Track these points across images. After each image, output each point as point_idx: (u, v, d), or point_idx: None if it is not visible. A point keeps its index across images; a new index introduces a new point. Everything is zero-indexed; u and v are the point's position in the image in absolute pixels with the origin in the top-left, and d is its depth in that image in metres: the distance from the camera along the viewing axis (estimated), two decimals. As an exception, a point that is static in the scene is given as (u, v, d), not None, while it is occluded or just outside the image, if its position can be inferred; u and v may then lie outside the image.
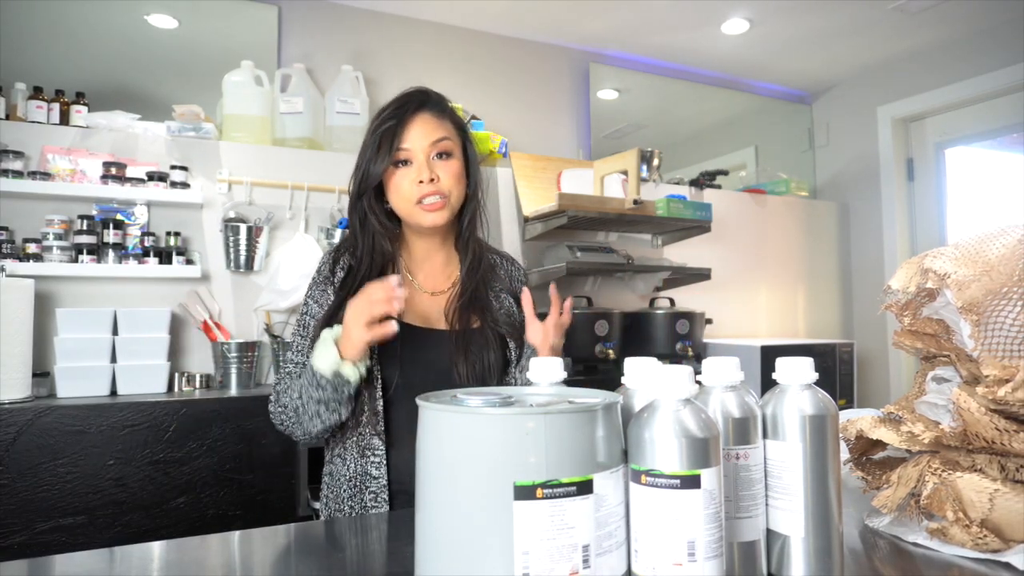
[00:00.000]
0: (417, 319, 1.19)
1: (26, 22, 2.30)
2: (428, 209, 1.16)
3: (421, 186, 1.14)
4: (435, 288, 1.25)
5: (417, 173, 1.15)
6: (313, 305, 1.19)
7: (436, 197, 1.15)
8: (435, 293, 1.24)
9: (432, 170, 1.15)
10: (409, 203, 1.16)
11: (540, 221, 2.58)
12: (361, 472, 1.11)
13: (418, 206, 1.16)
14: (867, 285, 3.59)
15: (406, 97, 1.20)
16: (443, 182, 1.16)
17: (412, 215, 1.17)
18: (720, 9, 2.88)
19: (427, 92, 1.22)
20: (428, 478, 0.55)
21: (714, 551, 0.53)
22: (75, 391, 1.91)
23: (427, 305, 1.23)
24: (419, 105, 1.19)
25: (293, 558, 0.79)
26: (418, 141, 1.16)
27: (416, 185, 1.15)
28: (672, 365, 0.57)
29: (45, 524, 1.69)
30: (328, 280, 1.20)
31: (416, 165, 1.15)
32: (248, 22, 2.62)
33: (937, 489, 0.73)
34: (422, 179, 1.14)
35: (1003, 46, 3.01)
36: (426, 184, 1.14)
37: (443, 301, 1.23)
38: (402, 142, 1.15)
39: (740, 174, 3.71)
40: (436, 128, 1.18)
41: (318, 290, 1.20)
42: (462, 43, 3.00)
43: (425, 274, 1.26)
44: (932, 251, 0.81)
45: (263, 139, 2.42)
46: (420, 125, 1.16)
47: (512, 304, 1.27)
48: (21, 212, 2.06)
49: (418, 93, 1.21)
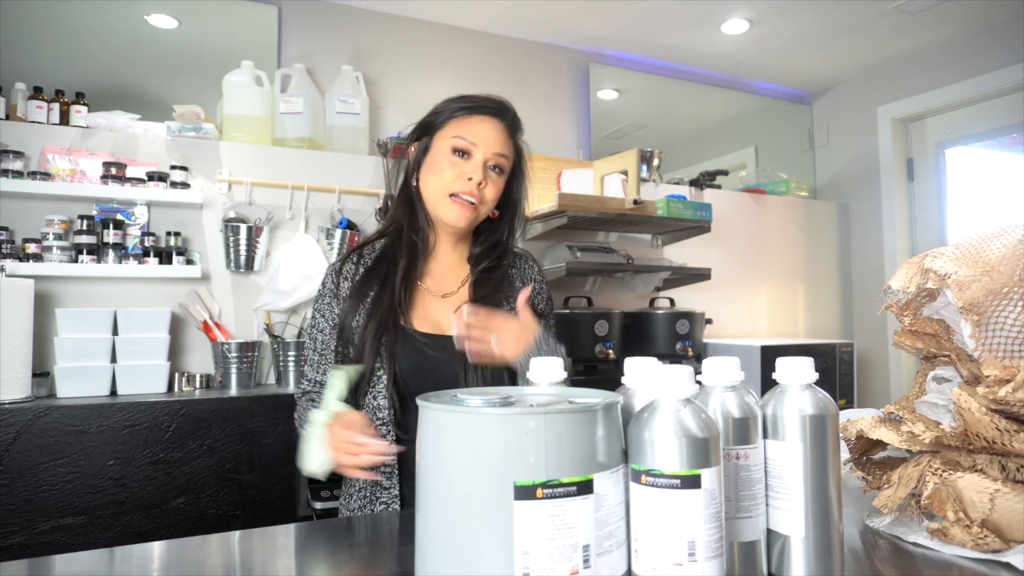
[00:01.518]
0: (426, 324, 1.17)
1: (26, 22, 2.30)
2: (458, 205, 1.14)
3: (468, 183, 1.13)
4: (443, 290, 1.22)
5: (471, 169, 1.14)
6: (319, 319, 1.20)
7: (472, 199, 1.14)
8: (445, 295, 1.22)
9: (485, 176, 1.14)
10: (443, 191, 1.14)
11: (540, 221, 2.58)
12: (371, 482, 1.11)
13: (450, 198, 1.14)
14: (867, 285, 3.59)
15: (490, 99, 1.20)
16: (487, 192, 1.15)
17: (439, 203, 1.15)
18: (720, 9, 2.88)
19: (510, 107, 1.22)
20: (428, 478, 0.55)
21: (714, 551, 0.53)
22: (75, 391, 1.91)
23: (435, 308, 1.20)
24: (501, 112, 1.19)
25: (293, 558, 0.79)
26: (487, 142, 1.15)
27: (463, 180, 1.13)
28: (672, 365, 0.57)
29: (45, 524, 1.69)
30: (334, 295, 1.19)
31: (473, 163, 1.14)
32: (248, 22, 2.62)
33: (938, 489, 0.73)
34: (471, 177, 1.13)
35: (1003, 46, 3.01)
36: (473, 183, 1.13)
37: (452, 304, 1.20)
38: (472, 134, 1.14)
39: (740, 174, 3.71)
40: (504, 142, 1.17)
41: (324, 303, 1.20)
42: (462, 43, 3.00)
43: (433, 274, 1.23)
44: (932, 251, 0.81)
45: (263, 139, 2.42)
46: (493, 130, 1.16)
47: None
48: (21, 212, 2.06)
49: (502, 103, 1.21)
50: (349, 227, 2.40)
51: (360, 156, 2.54)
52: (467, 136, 1.14)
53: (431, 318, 1.18)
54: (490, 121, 1.17)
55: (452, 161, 1.14)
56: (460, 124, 1.16)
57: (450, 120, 1.17)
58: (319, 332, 1.19)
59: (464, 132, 1.14)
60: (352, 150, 2.54)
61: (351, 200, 2.49)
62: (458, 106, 1.17)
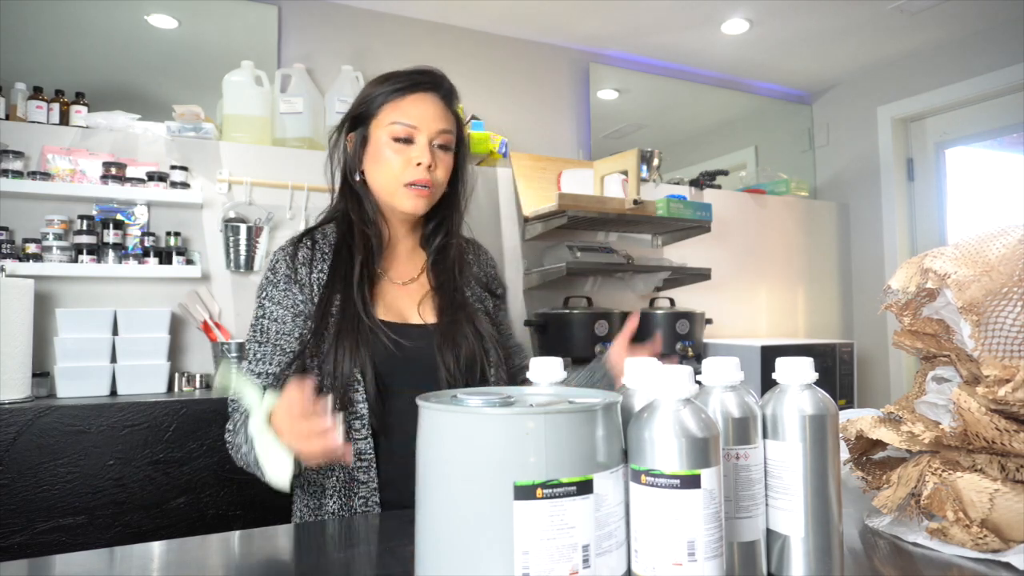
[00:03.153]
0: (391, 314, 1.13)
1: (26, 22, 2.30)
2: (414, 194, 1.10)
3: (418, 169, 1.09)
4: (402, 277, 1.19)
5: (418, 154, 1.09)
6: (272, 307, 1.09)
7: (426, 185, 1.10)
8: (405, 283, 1.19)
9: (433, 157, 1.10)
10: (396, 182, 1.10)
11: (540, 221, 2.58)
12: (347, 479, 1.04)
13: (406, 188, 1.10)
14: (867, 285, 3.59)
15: (422, 73, 1.13)
16: (438, 172, 1.12)
17: (394, 195, 1.11)
18: (720, 9, 2.88)
19: (443, 77, 1.16)
20: (428, 478, 0.55)
21: (714, 551, 0.53)
22: (75, 391, 1.91)
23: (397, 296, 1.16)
24: (435, 84, 1.13)
25: (293, 558, 0.79)
26: (427, 121, 1.10)
27: (412, 167, 1.09)
28: (672, 365, 0.57)
29: (45, 524, 1.69)
30: (290, 278, 1.10)
31: (418, 147, 1.09)
32: (248, 22, 2.62)
33: (937, 489, 0.73)
34: (421, 162, 1.09)
35: (1003, 46, 3.01)
36: (423, 168, 1.09)
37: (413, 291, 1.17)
38: (409, 117, 1.09)
39: (740, 174, 3.71)
40: (444, 117, 1.13)
41: (278, 291, 1.10)
42: (462, 43, 3.00)
43: (392, 262, 1.20)
44: (932, 251, 0.81)
45: (263, 139, 2.42)
46: (432, 107, 1.11)
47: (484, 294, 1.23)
48: (21, 212, 2.06)
49: (434, 74, 1.15)
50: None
51: (360, 156, 2.54)
52: (405, 120, 1.09)
53: (395, 308, 1.15)
54: (425, 97, 1.11)
55: (396, 149, 1.10)
56: (395, 108, 1.10)
57: (384, 105, 1.11)
58: (272, 321, 1.08)
59: (401, 116, 1.09)
60: (352, 150, 2.54)
61: (351, 200, 2.49)
62: (389, 88, 1.11)
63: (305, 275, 1.11)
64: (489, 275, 1.27)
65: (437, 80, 1.15)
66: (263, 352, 1.08)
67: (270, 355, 1.07)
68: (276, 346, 1.07)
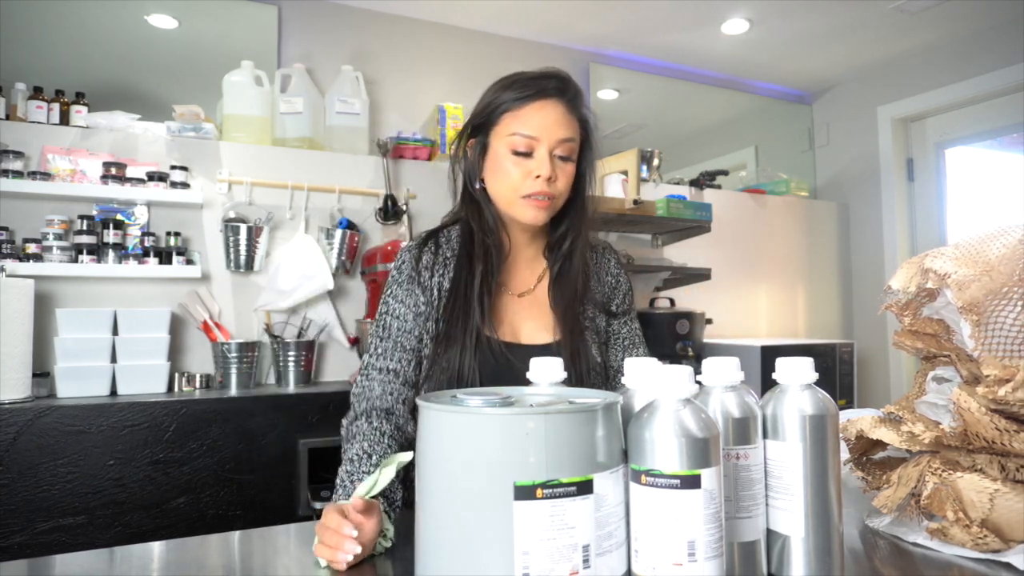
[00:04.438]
0: (506, 331, 1.11)
1: (26, 22, 2.30)
2: (534, 206, 1.06)
3: (537, 181, 1.05)
4: (520, 288, 1.16)
5: (537, 166, 1.05)
6: (396, 305, 1.10)
7: (546, 196, 1.06)
8: (522, 294, 1.16)
9: (553, 168, 1.06)
10: (514, 193, 1.07)
11: (540, 221, 2.58)
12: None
13: (524, 199, 1.06)
14: (867, 285, 3.59)
15: (546, 77, 1.09)
16: (559, 183, 1.07)
17: (512, 206, 1.08)
18: (720, 9, 2.88)
19: (568, 80, 1.11)
20: (428, 478, 0.55)
21: (714, 551, 0.53)
22: (75, 391, 1.91)
23: (513, 311, 1.14)
24: (558, 92, 1.08)
25: (293, 558, 0.78)
26: (548, 132, 1.05)
27: (532, 179, 1.05)
28: (672, 365, 0.57)
29: (45, 524, 1.69)
30: (413, 279, 1.10)
31: (538, 158, 1.05)
32: (248, 22, 2.62)
33: (937, 489, 0.73)
34: (540, 174, 1.05)
35: (1003, 46, 3.01)
36: (542, 180, 1.05)
37: (528, 304, 1.15)
38: (529, 127, 1.06)
39: (740, 174, 3.71)
40: (568, 125, 1.08)
41: (401, 289, 1.11)
42: (462, 43, 3.00)
43: (510, 272, 1.17)
44: (932, 251, 0.81)
45: (263, 139, 2.42)
46: (554, 115, 1.06)
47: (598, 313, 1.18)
48: (21, 212, 2.06)
49: (559, 78, 1.10)
50: (349, 227, 2.40)
51: (360, 156, 2.54)
52: (525, 131, 1.05)
53: (509, 322, 1.13)
54: (548, 104, 1.07)
55: (515, 161, 1.06)
56: (515, 118, 1.07)
57: (504, 114, 1.08)
58: (395, 319, 1.09)
59: (521, 127, 1.06)
60: (352, 150, 2.54)
61: (351, 200, 2.49)
62: (511, 97, 1.08)
63: (427, 278, 1.11)
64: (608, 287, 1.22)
65: (562, 85, 1.09)
66: (384, 348, 1.09)
67: (391, 351, 1.08)
68: (397, 343, 1.08)
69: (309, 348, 2.27)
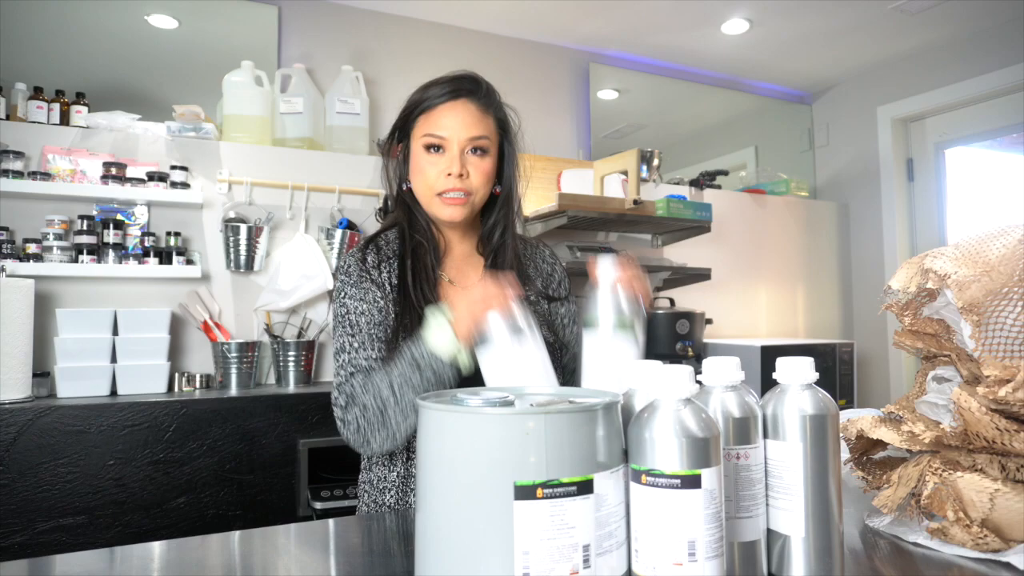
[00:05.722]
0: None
1: (26, 22, 2.30)
2: (448, 203, 1.11)
3: (448, 179, 1.10)
4: (464, 282, 1.19)
5: (448, 164, 1.10)
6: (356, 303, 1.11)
7: (459, 193, 1.11)
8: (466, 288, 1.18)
9: (463, 165, 1.11)
10: (430, 191, 1.12)
11: (540, 221, 2.58)
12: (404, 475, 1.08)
13: (438, 197, 1.11)
14: (867, 285, 3.59)
15: (456, 80, 1.15)
16: (471, 179, 1.12)
17: (431, 204, 1.13)
18: (720, 9, 2.88)
19: (478, 81, 1.17)
20: (429, 478, 0.55)
21: (714, 551, 0.53)
22: (75, 391, 1.91)
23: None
24: (468, 92, 1.14)
25: (293, 558, 0.79)
26: (456, 129, 1.11)
27: (443, 176, 1.10)
28: (672, 365, 0.57)
29: (45, 524, 1.69)
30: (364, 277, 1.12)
31: (448, 156, 1.11)
32: (248, 22, 2.62)
33: (938, 489, 0.73)
34: (451, 172, 1.10)
35: (1003, 46, 3.01)
36: (453, 178, 1.10)
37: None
38: (439, 128, 1.11)
39: (740, 174, 3.71)
40: (478, 123, 1.13)
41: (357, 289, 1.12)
42: (462, 43, 3.00)
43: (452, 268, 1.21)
44: (932, 251, 0.81)
45: (263, 139, 2.42)
46: (463, 114, 1.12)
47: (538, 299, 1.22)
48: (21, 212, 2.06)
49: (468, 79, 1.16)
50: (349, 227, 2.40)
51: (360, 156, 2.54)
52: (434, 131, 1.11)
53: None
54: (457, 105, 1.12)
55: (429, 161, 1.12)
56: (428, 120, 1.13)
57: (419, 117, 1.14)
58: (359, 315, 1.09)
59: (431, 127, 1.11)
60: (352, 150, 2.54)
61: (351, 200, 2.49)
62: (424, 100, 1.14)
63: (377, 275, 1.14)
64: (545, 275, 1.26)
65: (471, 87, 1.15)
66: (359, 341, 1.08)
67: (368, 343, 1.08)
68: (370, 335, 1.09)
69: (309, 348, 2.27)
